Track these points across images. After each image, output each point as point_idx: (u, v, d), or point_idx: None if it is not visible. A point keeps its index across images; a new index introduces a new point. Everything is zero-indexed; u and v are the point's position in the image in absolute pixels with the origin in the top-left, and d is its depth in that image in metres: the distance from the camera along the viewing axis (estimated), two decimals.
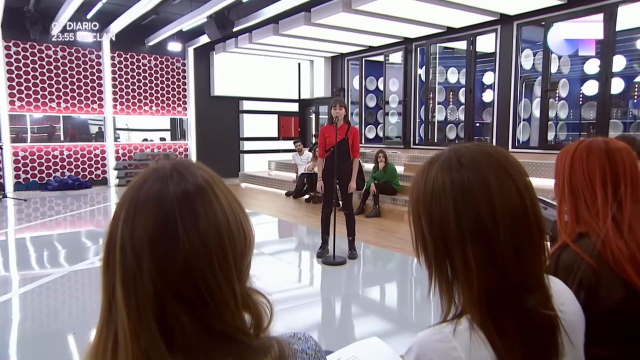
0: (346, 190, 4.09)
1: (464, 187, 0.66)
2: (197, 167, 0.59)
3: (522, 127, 7.84)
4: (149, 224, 0.53)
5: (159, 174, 0.56)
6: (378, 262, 4.37)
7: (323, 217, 4.20)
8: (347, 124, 4.07)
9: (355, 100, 10.99)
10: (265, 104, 11.53)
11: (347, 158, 4.07)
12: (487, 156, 0.69)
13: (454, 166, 0.68)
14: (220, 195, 0.57)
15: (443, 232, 0.66)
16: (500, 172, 0.67)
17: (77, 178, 9.48)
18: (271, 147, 11.68)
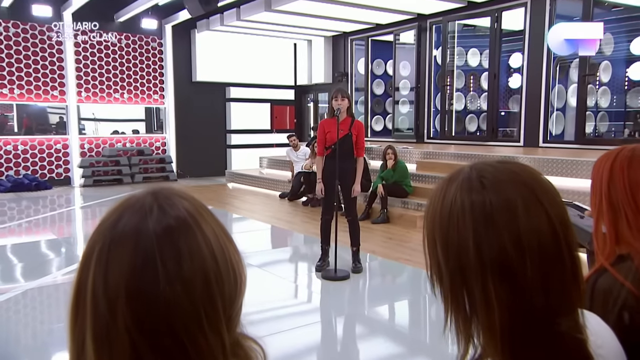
0: (349, 194, 4.11)
1: (485, 212, 0.66)
2: (180, 197, 0.59)
3: (556, 117, 7.87)
4: (125, 268, 0.53)
5: (137, 207, 0.56)
6: (387, 277, 4.39)
7: (323, 224, 4.23)
8: (350, 117, 4.08)
9: (360, 86, 11.02)
10: (256, 91, 11.55)
11: (351, 156, 4.09)
12: (513, 176, 0.68)
13: (475, 187, 0.68)
14: (206, 229, 0.57)
15: (461, 262, 0.66)
16: (528, 196, 0.66)
17: (34, 177, 9.50)
18: (263, 141, 11.70)
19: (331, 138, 4.01)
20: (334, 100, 3.98)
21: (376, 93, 10.87)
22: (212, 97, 11.19)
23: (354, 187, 4.08)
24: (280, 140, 11.38)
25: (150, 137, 10.76)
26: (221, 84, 11.19)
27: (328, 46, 11.29)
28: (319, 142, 4.09)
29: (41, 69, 9.51)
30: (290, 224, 6.27)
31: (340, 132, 3.95)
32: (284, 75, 11.92)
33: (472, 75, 9.72)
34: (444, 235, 0.68)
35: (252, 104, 11.50)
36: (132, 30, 10.27)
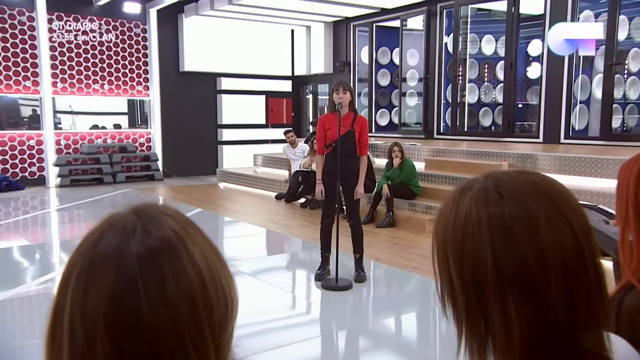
0: (352, 196, 4.13)
1: (504, 224, 0.66)
2: (165, 214, 0.59)
3: (579, 111, 7.89)
4: (105, 293, 0.53)
5: (119, 227, 0.57)
6: (392, 286, 4.41)
7: (323, 228, 4.24)
8: (353, 112, 4.09)
9: (363, 77, 11.04)
10: (250, 82, 11.57)
11: (353, 155, 4.10)
12: (533, 186, 0.69)
13: (492, 198, 0.68)
14: (194, 250, 0.58)
15: (477, 280, 0.66)
16: (550, 207, 0.67)
17: (5, 177, 9.50)
18: (257, 137, 11.73)
19: (332, 135, 4.02)
20: (335, 93, 3.99)
21: (381, 84, 10.89)
22: (202, 88, 11.20)
23: (356, 188, 4.10)
24: (276, 136, 11.40)
25: (134, 133, 10.77)
26: (211, 75, 11.20)
27: (328, 33, 11.30)
28: (319, 140, 4.10)
29: (12, 57, 9.50)
30: (287, 228, 6.29)
31: (341, 129, 3.96)
32: (280, 65, 11.93)
33: (487, 64, 9.73)
34: (458, 249, 0.68)
35: (245, 97, 11.52)
36: (113, 14, 10.28)
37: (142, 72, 10.65)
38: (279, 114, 12.02)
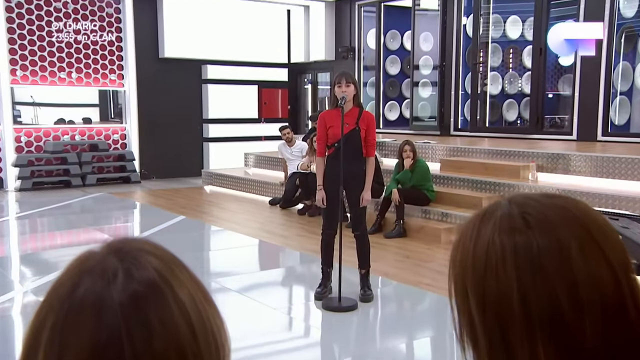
0: (357, 203, 4.16)
1: (531, 256, 0.67)
2: (148, 252, 0.60)
3: (619, 103, 7.92)
4: (85, 349, 0.53)
5: (98, 272, 0.57)
6: (403, 306, 4.43)
7: (324, 240, 4.27)
8: (357, 107, 4.12)
9: (370, 64, 11.08)
10: (240, 71, 11.62)
11: (359, 157, 4.13)
12: (563, 213, 0.69)
13: (518, 226, 0.69)
14: (181, 292, 0.58)
15: (501, 319, 0.66)
16: (584, 237, 0.67)
17: None
18: (248, 134, 11.75)
19: (334, 134, 4.05)
20: (337, 86, 4.01)
21: (390, 73, 10.92)
22: (185, 77, 11.24)
23: (362, 194, 4.13)
24: (270, 132, 11.43)
25: (106, 128, 10.81)
26: (196, 62, 11.24)
27: (330, 14, 11.34)
28: (319, 140, 4.13)
29: None
30: (282, 239, 6.32)
31: (345, 127, 3.98)
32: (275, 51, 11.98)
33: (512, 49, 9.77)
34: (479, 285, 0.69)
35: (234, 87, 11.56)
36: None
37: (115, 59, 10.69)
38: (273, 107, 12.05)
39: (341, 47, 11.13)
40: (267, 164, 9.71)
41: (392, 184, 6.48)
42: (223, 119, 11.56)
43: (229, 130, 11.61)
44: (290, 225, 7.07)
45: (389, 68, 10.86)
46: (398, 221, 6.28)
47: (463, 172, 6.96)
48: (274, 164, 9.40)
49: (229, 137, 11.58)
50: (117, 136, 10.87)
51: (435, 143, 7.93)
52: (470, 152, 7.39)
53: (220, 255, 5.96)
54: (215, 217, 7.67)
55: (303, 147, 8.17)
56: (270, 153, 9.80)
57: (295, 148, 8.27)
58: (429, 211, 6.45)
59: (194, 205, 8.47)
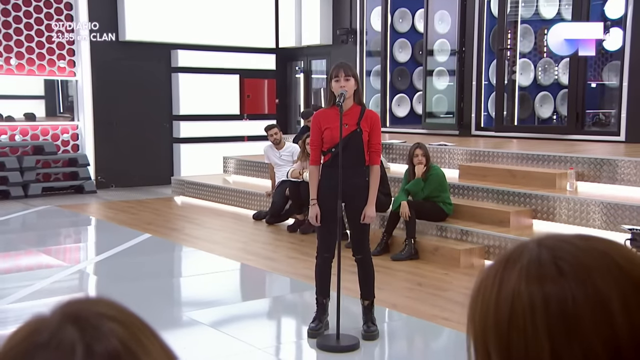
0: (359, 220, 4.18)
1: (566, 310, 0.68)
2: (110, 318, 0.61)
3: None
4: None
5: (53, 346, 0.57)
6: (415, 344, 4.45)
7: (319, 265, 4.30)
8: (359, 105, 4.15)
9: (374, 50, 11.10)
10: (218, 57, 11.65)
11: (361, 165, 4.15)
12: (604, 259, 0.70)
13: (549, 273, 0.70)
14: None
15: None
16: (627, 287, 0.68)
17: None
18: (228, 133, 11.78)
19: (331, 137, 4.08)
20: (334, 81, 4.04)
21: (399, 60, 10.95)
22: (151, 65, 11.27)
23: (365, 210, 4.16)
24: (254, 132, 11.46)
25: (54, 126, 10.83)
26: (164, 46, 11.28)
27: None
28: (313, 145, 4.17)
29: None
30: (269, 262, 6.33)
31: (344, 129, 4.01)
32: (260, 33, 12.02)
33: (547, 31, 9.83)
34: (503, 343, 0.70)
35: (211, 76, 11.59)
36: None
37: (65, 42, 10.71)
38: (258, 101, 12.08)
39: (340, 30, 11.17)
40: (251, 170, 9.73)
41: (400, 195, 6.51)
42: (197, 115, 11.59)
43: (205, 129, 11.64)
44: (279, 245, 7.10)
45: (398, 54, 10.90)
46: (408, 240, 6.29)
47: (486, 181, 7.00)
48: (259, 170, 9.42)
49: (204, 137, 11.61)
50: (68, 136, 10.88)
51: (452, 145, 7.97)
52: (496, 157, 7.43)
53: (194, 282, 5.98)
54: (188, 235, 7.69)
55: (294, 150, 8.20)
56: (255, 157, 9.81)
57: (284, 151, 8.29)
58: (446, 228, 6.48)
59: (162, 220, 8.50)
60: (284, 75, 12.59)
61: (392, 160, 8.15)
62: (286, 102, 12.72)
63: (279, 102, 12.39)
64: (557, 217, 6.19)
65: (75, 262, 6.61)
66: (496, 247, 5.98)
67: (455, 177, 7.23)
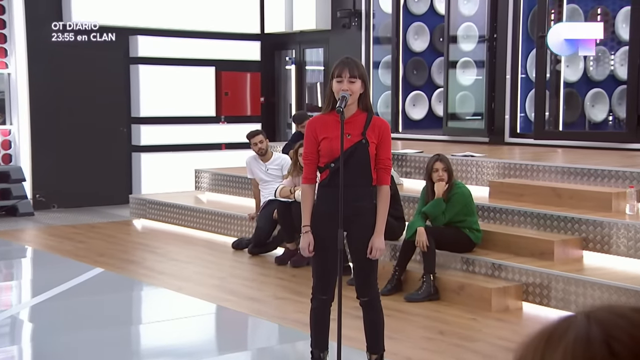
0: (364, 254, 4.17)
1: None
2: None
3: None
4: None
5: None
6: None
7: (315, 309, 4.29)
8: (365, 111, 4.16)
9: (383, 35, 11.10)
10: (188, 45, 11.65)
11: (366, 184, 4.16)
12: None
13: (599, 355, 0.72)
14: None
15: None
16: None
17: None
18: (201, 140, 11.77)
19: (330, 150, 4.09)
20: (337, 81, 4.05)
21: (414, 49, 10.96)
22: (103, 55, 11.26)
23: (372, 241, 4.15)
24: (233, 138, 11.45)
25: None
26: (121, 31, 11.26)
27: None
28: (307, 158, 4.17)
29: None
30: (252, 303, 6.31)
31: (346, 140, 4.02)
32: (242, 16, 12.04)
33: (599, 12, 9.86)
34: None
35: (179, 69, 11.59)
36: None
37: None
38: (238, 100, 12.06)
39: (340, 11, 11.19)
40: (230, 187, 9.71)
41: (416, 219, 6.50)
42: (162, 117, 11.59)
43: (172, 135, 11.63)
44: (265, 282, 7.08)
45: (413, 42, 10.91)
46: (426, 276, 6.28)
47: (524, 202, 6.99)
48: (240, 187, 9.41)
49: (171, 145, 11.60)
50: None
51: (481, 156, 7.97)
52: (535, 171, 7.43)
53: (158, 330, 5.95)
54: (151, 270, 7.65)
55: (284, 162, 8.20)
56: (235, 170, 9.80)
57: (271, 164, 8.28)
58: (473, 261, 6.47)
59: (118, 251, 8.47)
60: (270, 68, 12.60)
61: (405, 175, 8.14)
62: (274, 102, 12.72)
63: (264, 102, 12.40)
64: (613, 247, 6.18)
65: (5, 306, 6.55)
66: (536, 286, 5.98)
67: (484, 197, 7.25)
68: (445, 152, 6.92)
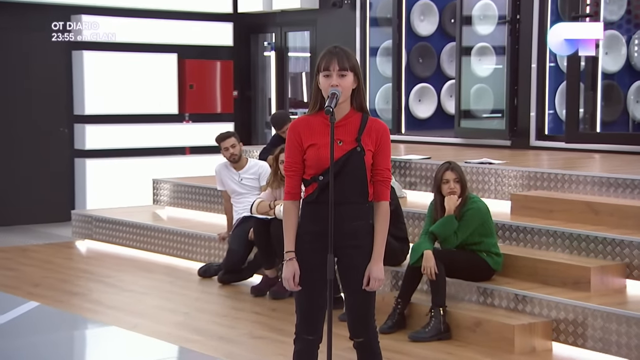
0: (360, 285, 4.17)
1: None
2: None
3: None
4: None
5: None
6: None
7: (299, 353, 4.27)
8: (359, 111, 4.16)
9: (382, 16, 11.17)
10: (144, 27, 11.69)
11: (362, 201, 4.16)
12: None
13: None
14: None
15: None
16: None
17: None
18: (160, 143, 11.86)
19: (317, 159, 4.08)
20: (323, 75, 4.04)
21: (420, 32, 11.05)
22: (39, 38, 11.27)
23: (370, 269, 4.14)
24: (200, 141, 11.52)
25: None
26: (59, 9, 11.31)
27: None
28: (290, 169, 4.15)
29: None
30: (223, 344, 6.33)
31: (337, 147, 4.02)
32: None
33: None
34: None
35: (133, 57, 11.64)
36: None
37: None
38: (206, 95, 12.12)
39: None
40: (195, 200, 9.75)
41: (423, 241, 6.53)
42: (111, 115, 11.63)
43: (124, 137, 11.65)
44: (238, 318, 7.09)
45: (418, 24, 10.99)
46: (435, 310, 6.30)
47: (554, 219, 7.04)
48: (208, 200, 9.44)
49: (122, 149, 11.64)
50: None
51: (501, 164, 8.00)
52: (567, 182, 7.46)
53: None
54: (98, 303, 7.64)
55: (262, 171, 8.25)
56: (201, 180, 9.84)
57: (246, 173, 8.32)
58: (492, 292, 6.50)
59: (57, 280, 8.45)
60: (245, 55, 12.66)
61: (409, 187, 8.18)
62: (249, 96, 12.75)
63: (238, 96, 12.43)
64: None
65: None
66: (569, 323, 5.98)
67: (505, 214, 7.29)
68: (458, 158, 6.95)
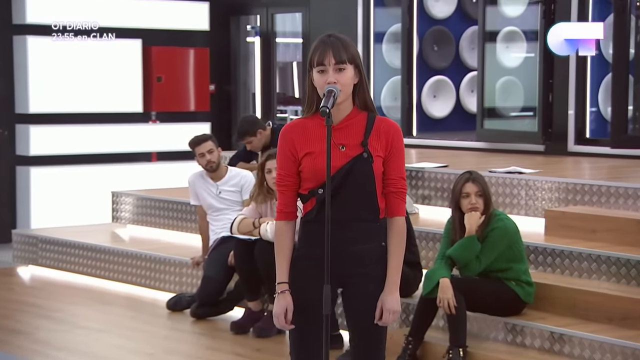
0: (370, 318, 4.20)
1: None
2: None
3: None
4: None
5: None
6: None
7: None
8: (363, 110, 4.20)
9: None
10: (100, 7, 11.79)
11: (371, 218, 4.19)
12: None
13: None
14: None
15: None
16: None
17: None
18: (122, 148, 11.97)
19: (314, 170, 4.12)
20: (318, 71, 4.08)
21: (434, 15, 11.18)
22: None
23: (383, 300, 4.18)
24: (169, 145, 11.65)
25: None
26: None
27: None
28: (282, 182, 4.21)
29: None
30: None
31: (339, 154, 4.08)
32: None
33: None
34: None
35: (89, 44, 11.74)
36: None
37: None
38: (177, 89, 12.19)
39: None
40: (163, 217, 9.81)
41: (439, 267, 6.61)
42: (61, 114, 11.73)
43: (76, 140, 11.75)
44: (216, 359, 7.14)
45: (433, 4, 11.06)
46: (454, 351, 6.36)
47: (597, 241, 7.08)
48: (179, 217, 9.50)
49: (75, 155, 11.74)
50: None
51: (533, 174, 8.07)
52: (614, 195, 7.50)
53: None
54: (45, 343, 7.66)
55: (244, 182, 8.32)
56: (171, 192, 9.91)
57: (226, 184, 8.39)
58: (522, 328, 6.54)
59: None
60: (225, 42, 12.72)
61: (422, 201, 8.21)
62: (229, 91, 12.80)
63: (216, 91, 12.46)
64: None
65: None
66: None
67: (539, 234, 7.35)
68: (481, 167, 6.98)
